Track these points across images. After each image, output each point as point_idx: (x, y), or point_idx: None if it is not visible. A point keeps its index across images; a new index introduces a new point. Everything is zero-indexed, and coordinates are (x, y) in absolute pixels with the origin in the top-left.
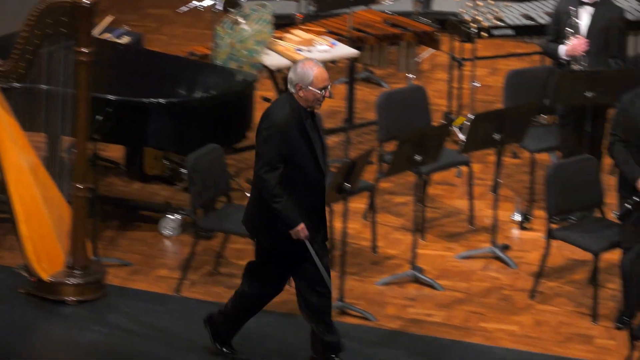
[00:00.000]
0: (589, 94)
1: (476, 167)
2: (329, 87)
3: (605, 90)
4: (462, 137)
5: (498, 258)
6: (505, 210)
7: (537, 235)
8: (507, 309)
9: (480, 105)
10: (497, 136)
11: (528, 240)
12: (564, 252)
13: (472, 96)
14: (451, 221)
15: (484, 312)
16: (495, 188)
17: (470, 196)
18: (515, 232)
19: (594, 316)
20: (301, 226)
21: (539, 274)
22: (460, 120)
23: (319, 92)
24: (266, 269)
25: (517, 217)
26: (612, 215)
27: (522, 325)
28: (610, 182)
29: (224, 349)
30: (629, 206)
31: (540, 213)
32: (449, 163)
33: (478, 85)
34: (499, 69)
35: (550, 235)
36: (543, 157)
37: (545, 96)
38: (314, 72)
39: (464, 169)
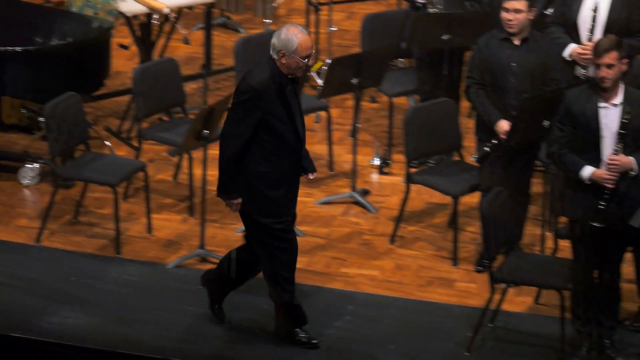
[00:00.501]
0: (445, 37)
1: (334, 112)
2: (312, 54)
3: (461, 32)
4: (320, 82)
5: (358, 203)
6: (365, 155)
7: (396, 179)
8: (367, 254)
9: (337, 50)
10: (354, 80)
11: (387, 184)
12: (423, 196)
13: (329, 41)
14: None
15: (345, 257)
16: (354, 133)
17: (329, 141)
18: (375, 176)
19: (455, 260)
20: (238, 201)
21: (399, 219)
22: (317, 65)
23: (302, 60)
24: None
25: (377, 162)
26: (470, 158)
27: (383, 270)
28: (468, 125)
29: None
30: (487, 149)
31: (399, 157)
32: (307, 108)
33: (335, 29)
34: (356, 13)
35: (410, 179)
36: (401, 101)
37: (402, 40)
38: (299, 39)
39: (322, 114)
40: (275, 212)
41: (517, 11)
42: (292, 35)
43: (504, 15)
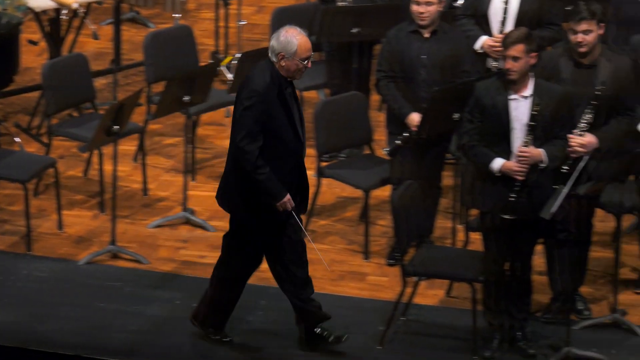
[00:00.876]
0: (354, 30)
1: None
2: (312, 57)
3: (370, 25)
4: (230, 76)
5: None
6: None
7: (307, 173)
8: None
9: (247, 44)
10: None
11: None
12: (334, 189)
13: (239, 35)
14: (221, 162)
15: None
16: None
17: None
18: None
19: (366, 253)
20: (287, 197)
21: (310, 213)
22: (227, 59)
23: (302, 62)
24: (244, 243)
25: None
26: (381, 151)
27: None
28: (379, 118)
29: (219, 337)
30: (398, 142)
31: (310, 151)
32: (217, 103)
33: (244, 23)
34: (266, 7)
35: (321, 173)
36: (311, 94)
37: (311, 33)
38: (298, 40)
39: (232, 108)
40: (277, 216)
41: (428, 4)
42: (292, 37)
43: (415, 8)
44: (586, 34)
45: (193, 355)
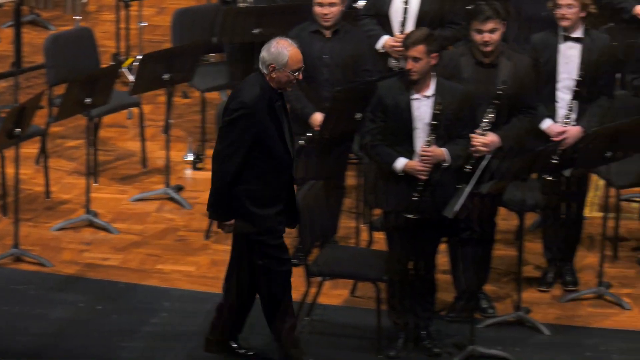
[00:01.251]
0: (256, 31)
1: (147, 108)
2: (302, 68)
3: (272, 25)
4: (131, 78)
5: (172, 199)
6: (178, 150)
7: (210, 174)
8: (183, 249)
9: (148, 46)
10: (166, 76)
11: (201, 180)
12: None
13: (140, 36)
14: (124, 164)
15: (160, 253)
16: (166, 129)
17: (142, 138)
18: (188, 172)
19: None
20: (230, 222)
21: None
22: (129, 61)
23: (293, 74)
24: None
25: (190, 158)
26: None
27: (198, 266)
28: None
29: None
30: (302, 142)
31: (209, 151)
32: (119, 105)
33: (145, 25)
34: (166, 8)
35: None
36: (213, 95)
37: (213, 34)
38: (289, 52)
39: (134, 110)
40: (270, 230)
41: (332, 5)
42: (282, 48)
43: (319, 10)
44: (492, 32)
45: (97, 358)
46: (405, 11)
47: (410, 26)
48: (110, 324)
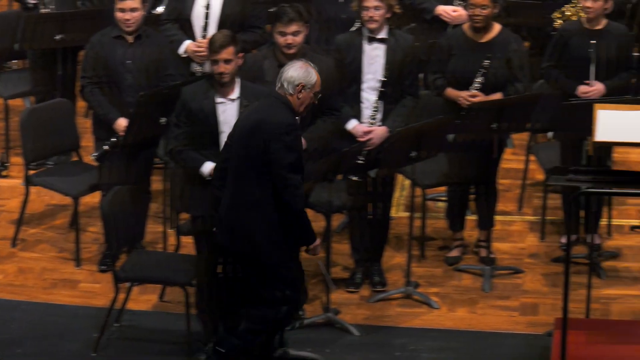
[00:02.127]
0: (58, 37)
1: None
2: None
3: (74, 31)
4: None
5: None
6: None
7: (15, 182)
8: None
9: None
10: None
11: (6, 188)
12: (43, 197)
13: None
14: None
15: None
16: None
17: None
18: None
19: (77, 260)
20: (318, 241)
21: (20, 221)
22: None
23: (315, 97)
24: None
25: None
26: (89, 158)
27: (6, 274)
28: (85, 124)
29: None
30: (106, 148)
31: (17, 160)
32: None
33: None
34: None
35: (29, 181)
36: (16, 102)
37: (15, 41)
38: (316, 74)
39: None
40: (290, 256)
41: (133, 10)
42: (311, 69)
43: (121, 15)
44: (295, 35)
45: None
46: (207, 15)
47: (212, 30)
48: None
